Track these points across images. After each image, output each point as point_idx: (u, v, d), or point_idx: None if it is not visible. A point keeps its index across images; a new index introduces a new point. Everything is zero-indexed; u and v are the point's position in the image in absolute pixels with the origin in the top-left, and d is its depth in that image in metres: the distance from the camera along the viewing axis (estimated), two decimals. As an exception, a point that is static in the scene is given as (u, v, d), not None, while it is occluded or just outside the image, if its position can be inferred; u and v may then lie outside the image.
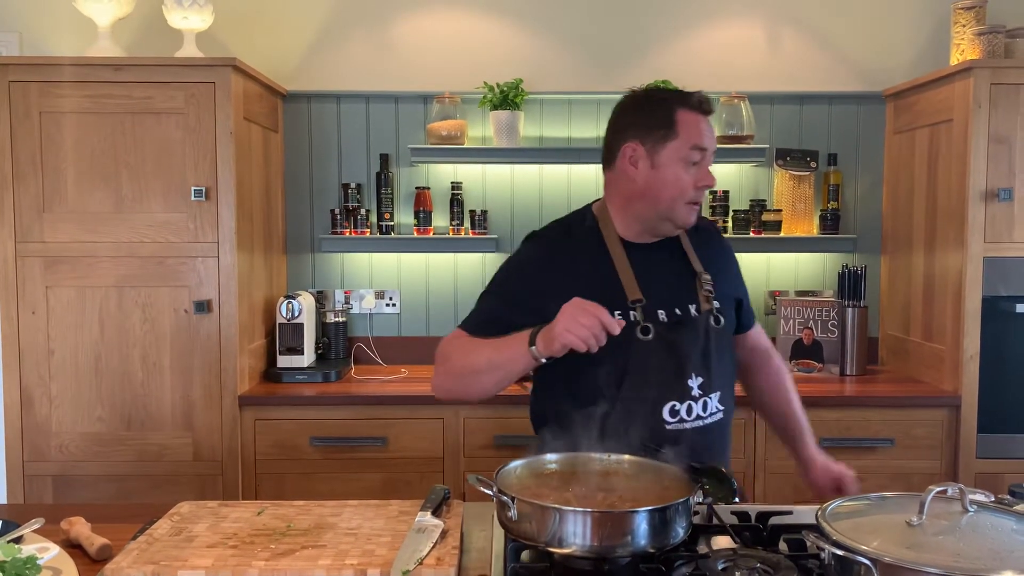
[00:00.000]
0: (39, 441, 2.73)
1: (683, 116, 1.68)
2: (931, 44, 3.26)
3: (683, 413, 1.67)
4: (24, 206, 2.69)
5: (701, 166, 1.70)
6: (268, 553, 1.31)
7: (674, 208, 1.70)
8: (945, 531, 1.16)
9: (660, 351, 1.66)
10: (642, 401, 1.65)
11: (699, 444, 1.64)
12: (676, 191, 1.69)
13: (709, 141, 1.70)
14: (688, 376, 1.67)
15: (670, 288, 1.73)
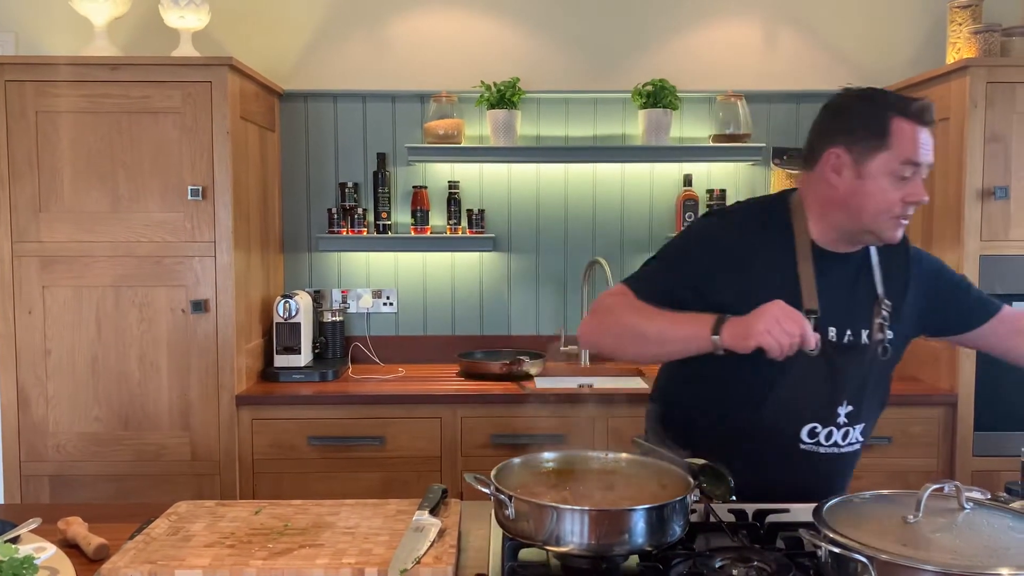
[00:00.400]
0: (36, 441, 2.72)
1: (898, 125, 1.54)
2: (927, 43, 3.26)
3: (821, 437, 1.60)
4: (20, 206, 2.68)
5: (912, 181, 1.55)
6: (265, 552, 1.31)
7: (877, 222, 1.57)
8: (941, 528, 1.16)
9: (819, 370, 1.57)
10: (784, 416, 1.59)
11: (825, 470, 1.62)
12: (881, 205, 1.55)
13: (925, 155, 1.54)
14: (840, 403, 1.60)
15: (847, 307, 1.62)
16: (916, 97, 1.58)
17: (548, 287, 3.35)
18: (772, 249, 1.62)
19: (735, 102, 3.17)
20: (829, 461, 1.62)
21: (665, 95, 3.11)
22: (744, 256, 1.62)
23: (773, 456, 1.60)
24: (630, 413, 2.64)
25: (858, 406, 1.61)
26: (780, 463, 1.60)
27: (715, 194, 3.21)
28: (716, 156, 3.20)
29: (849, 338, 1.61)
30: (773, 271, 1.60)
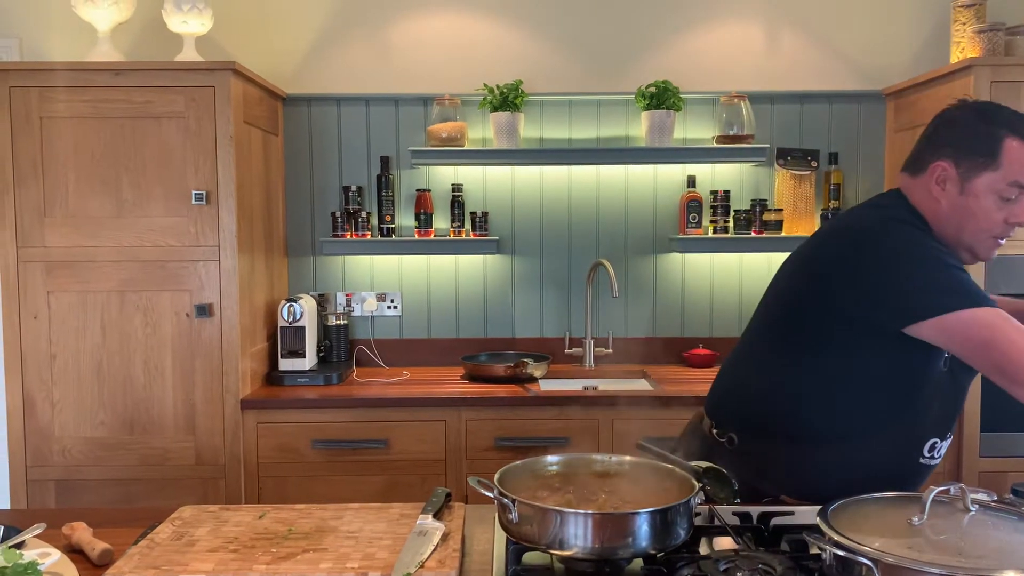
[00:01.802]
0: (42, 446, 2.73)
1: (1011, 145, 1.52)
2: (931, 42, 3.25)
3: (936, 451, 1.59)
4: (25, 211, 2.69)
5: (1018, 202, 1.54)
6: (269, 557, 1.31)
7: (975, 240, 1.56)
8: (947, 531, 1.15)
9: (947, 386, 1.56)
10: (911, 432, 1.57)
11: (923, 482, 1.61)
12: (983, 224, 1.54)
13: None
14: (954, 419, 1.61)
15: None
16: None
17: (552, 289, 3.35)
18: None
19: (738, 103, 3.16)
20: (928, 473, 1.62)
21: (668, 96, 3.11)
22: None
23: (890, 473, 1.53)
24: (635, 415, 2.64)
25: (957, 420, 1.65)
26: (894, 479, 1.49)
27: (719, 195, 3.21)
28: (720, 157, 3.20)
29: None
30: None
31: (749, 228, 3.20)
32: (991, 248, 1.57)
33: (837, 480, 1.43)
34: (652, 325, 3.36)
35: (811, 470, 1.58)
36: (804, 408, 1.61)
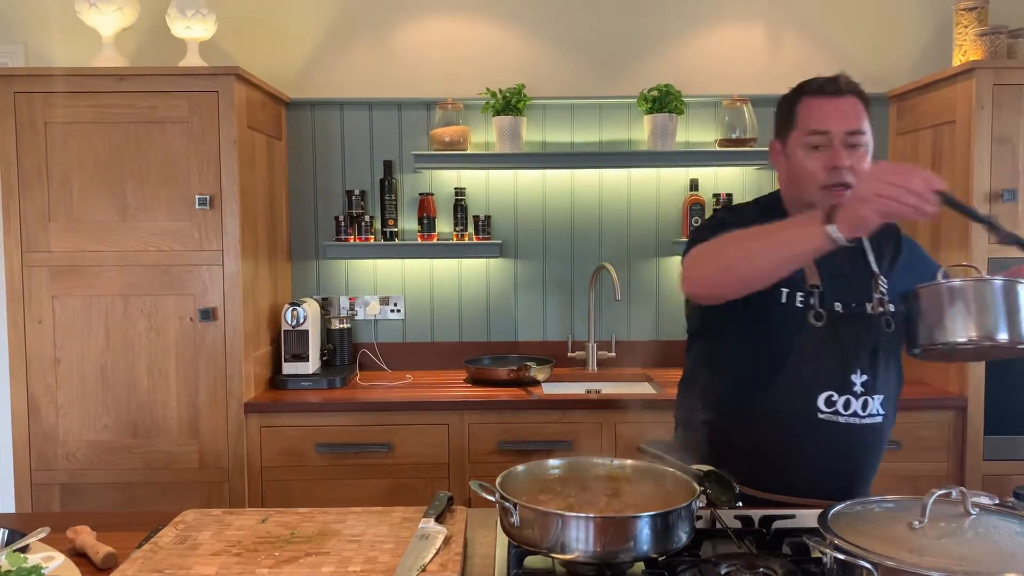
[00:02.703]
0: (46, 449, 2.74)
1: (803, 103, 1.71)
2: (933, 45, 3.25)
3: (839, 406, 1.64)
4: (30, 216, 2.70)
5: (828, 148, 1.64)
6: (272, 561, 1.32)
7: (812, 195, 1.66)
8: (948, 534, 1.15)
9: (829, 339, 1.63)
10: (799, 385, 1.64)
11: (851, 442, 1.63)
12: (808, 178, 1.66)
13: (831, 122, 1.65)
14: (853, 371, 1.64)
15: (848, 282, 1.68)
16: (822, 77, 1.73)
17: (555, 293, 3.35)
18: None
19: (740, 106, 3.17)
20: (853, 433, 1.64)
21: (670, 100, 3.11)
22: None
23: (796, 432, 1.61)
24: (637, 419, 2.64)
25: (873, 376, 1.65)
26: (804, 439, 1.62)
27: (721, 198, 3.21)
28: (722, 160, 3.20)
29: (854, 308, 1.66)
30: None
31: (752, 231, 3.20)
32: (828, 198, 1.62)
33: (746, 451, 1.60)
34: (655, 328, 3.36)
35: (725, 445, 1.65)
36: (699, 387, 1.77)
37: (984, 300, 1.46)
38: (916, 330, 1.51)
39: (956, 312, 1.46)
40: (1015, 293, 1.45)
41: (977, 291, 1.47)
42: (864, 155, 1.66)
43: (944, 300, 1.47)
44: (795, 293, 1.66)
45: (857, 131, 1.65)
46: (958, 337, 1.47)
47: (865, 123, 1.68)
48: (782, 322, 1.65)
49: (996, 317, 1.44)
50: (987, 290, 1.46)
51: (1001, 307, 1.45)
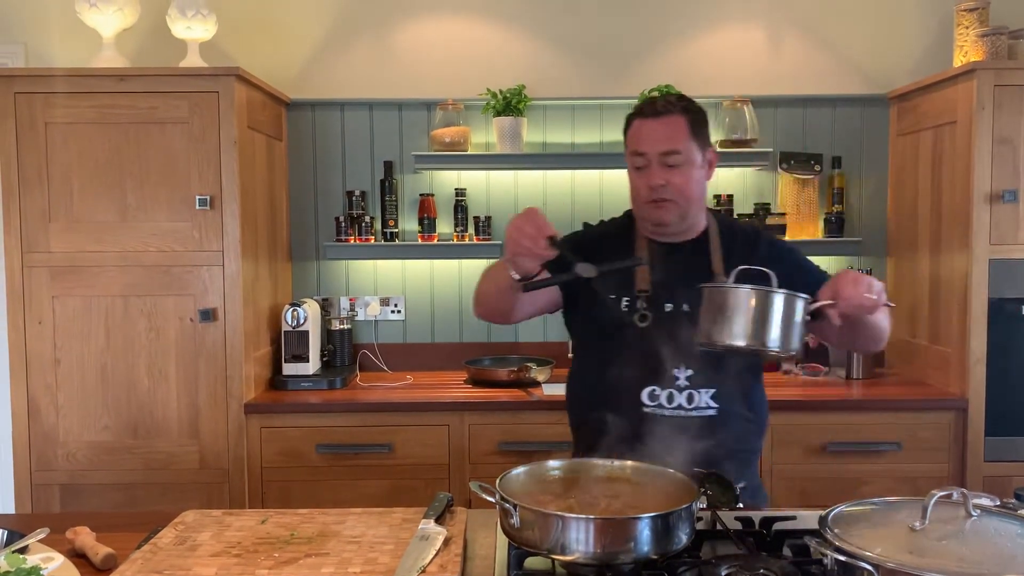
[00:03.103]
0: (46, 450, 2.74)
1: (633, 125, 1.82)
2: (934, 46, 3.25)
3: (663, 399, 1.76)
4: (30, 216, 2.70)
5: (648, 170, 1.78)
6: (272, 562, 1.32)
7: (639, 209, 1.85)
8: (948, 536, 1.15)
9: (653, 338, 1.74)
10: (625, 381, 1.77)
11: (676, 434, 1.66)
12: (634, 194, 1.83)
13: (646, 145, 1.77)
14: (676, 366, 1.76)
15: (681, 284, 1.76)
16: (653, 97, 1.87)
17: (555, 293, 3.35)
18: (616, 246, 1.87)
19: (741, 107, 3.17)
20: (679, 425, 1.73)
21: (671, 101, 3.10)
22: (591, 254, 1.77)
23: (625, 422, 1.70)
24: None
25: (700, 371, 1.76)
26: (633, 428, 1.70)
27: (722, 199, 3.21)
28: (723, 161, 3.18)
29: (684, 310, 1.77)
30: (618, 258, 1.80)
31: (752, 232, 3.20)
32: (651, 212, 1.80)
33: (592, 444, 1.70)
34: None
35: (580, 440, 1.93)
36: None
37: (727, 306, 1.50)
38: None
39: (709, 314, 1.52)
40: (765, 302, 1.48)
41: (723, 297, 1.51)
42: (682, 171, 1.77)
43: (705, 302, 1.54)
44: (622, 298, 1.82)
45: (671, 151, 1.76)
46: (700, 339, 1.54)
47: (683, 142, 1.77)
48: (610, 324, 1.81)
49: (733, 323, 1.49)
50: (731, 297, 1.50)
51: (743, 314, 1.48)
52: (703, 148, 1.82)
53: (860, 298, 1.53)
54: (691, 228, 1.87)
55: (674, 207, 1.79)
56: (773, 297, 1.49)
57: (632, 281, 1.82)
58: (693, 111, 1.82)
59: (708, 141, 1.86)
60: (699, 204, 1.85)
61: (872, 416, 2.75)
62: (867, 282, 1.54)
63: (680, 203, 1.79)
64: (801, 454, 2.73)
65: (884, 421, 2.74)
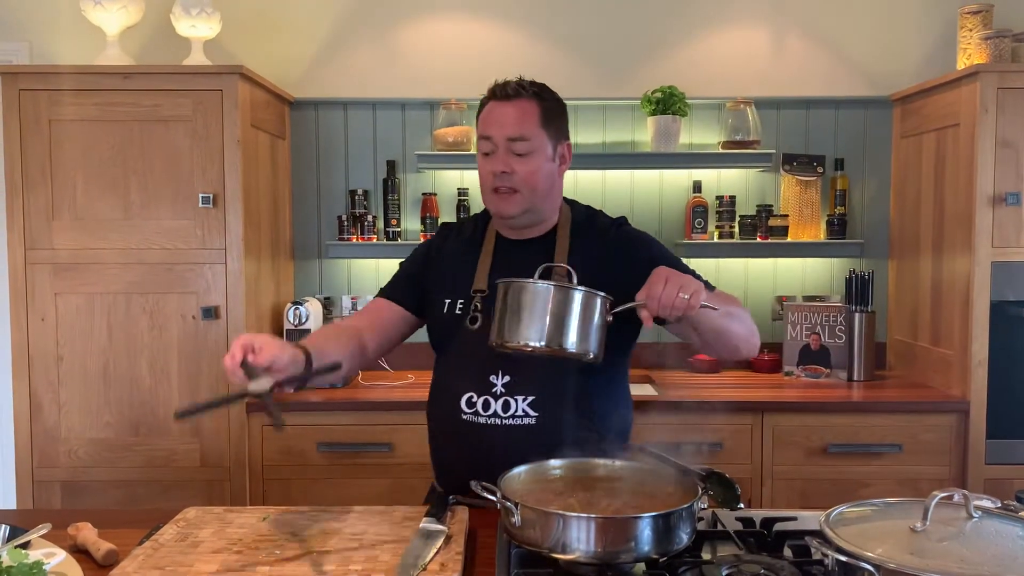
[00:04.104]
0: (48, 447, 2.74)
1: (485, 109, 1.73)
2: (938, 48, 3.25)
3: (479, 407, 1.68)
4: (33, 213, 2.71)
5: (494, 155, 1.68)
6: (273, 559, 1.32)
7: (485, 200, 1.75)
8: (950, 537, 1.15)
9: (477, 342, 1.63)
10: (448, 388, 1.73)
11: (493, 443, 1.64)
12: (480, 181, 1.73)
13: (494, 128, 1.68)
14: (493, 372, 1.67)
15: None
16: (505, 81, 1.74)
17: (557, 294, 3.34)
18: (467, 245, 1.81)
19: (744, 108, 3.17)
20: (495, 433, 1.65)
21: (674, 102, 3.11)
22: (437, 256, 1.83)
23: (448, 433, 1.72)
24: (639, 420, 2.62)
25: (518, 377, 1.66)
26: (454, 439, 1.72)
27: (724, 200, 3.21)
28: (725, 162, 3.20)
29: None
30: (461, 263, 1.78)
31: (755, 234, 3.20)
32: (494, 202, 1.72)
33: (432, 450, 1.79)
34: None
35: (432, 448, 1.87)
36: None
37: (519, 304, 1.42)
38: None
39: (500, 313, 1.44)
40: (560, 300, 1.39)
41: (514, 294, 1.42)
42: (529, 160, 1.68)
43: (497, 300, 1.46)
44: (456, 302, 1.74)
45: (519, 137, 1.67)
46: (492, 339, 1.46)
47: (533, 128, 1.68)
48: (444, 329, 1.75)
49: (524, 323, 1.41)
50: (523, 294, 1.41)
51: (536, 313, 1.40)
52: (556, 140, 1.72)
53: (670, 298, 1.42)
54: (542, 223, 1.76)
55: (519, 198, 1.68)
56: (569, 294, 1.39)
57: (470, 281, 1.74)
58: (547, 99, 1.73)
59: (564, 134, 1.76)
60: (549, 198, 1.74)
61: (873, 418, 2.75)
62: (679, 282, 1.43)
63: (525, 194, 1.68)
64: (802, 455, 2.73)
65: (885, 423, 2.74)
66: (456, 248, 1.83)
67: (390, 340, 1.83)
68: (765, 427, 2.73)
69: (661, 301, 1.42)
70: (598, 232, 1.78)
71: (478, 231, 1.83)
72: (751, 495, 2.74)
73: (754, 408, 2.75)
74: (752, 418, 2.73)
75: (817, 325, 3.10)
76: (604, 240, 1.76)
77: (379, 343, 1.80)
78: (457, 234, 1.86)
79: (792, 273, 3.33)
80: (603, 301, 1.43)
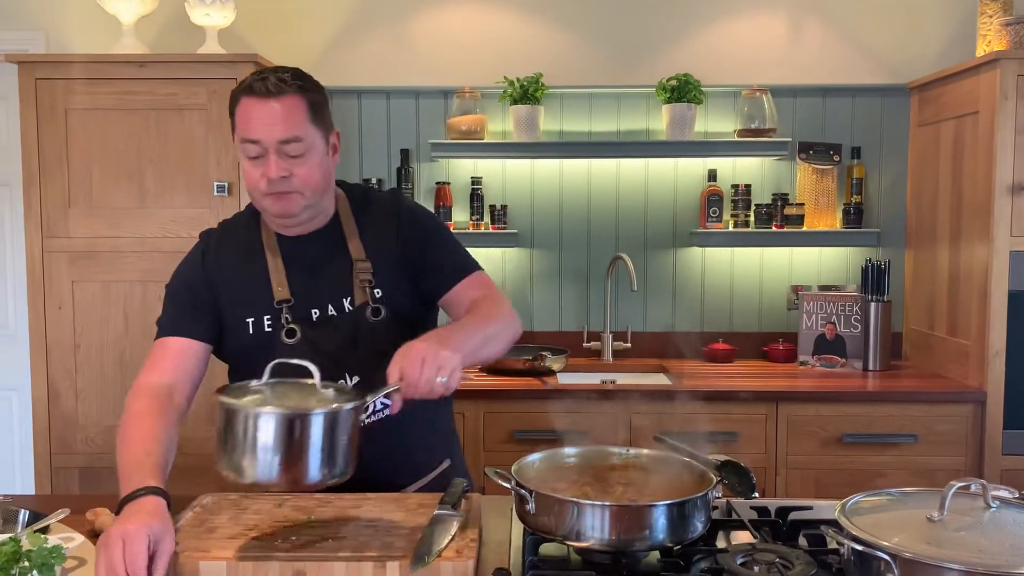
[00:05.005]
0: (66, 434, 2.77)
1: (242, 104, 1.53)
2: (957, 35, 3.21)
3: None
4: (50, 202, 2.72)
5: (264, 159, 1.51)
6: (289, 545, 1.33)
7: (259, 205, 1.59)
8: (967, 527, 1.14)
9: (306, 353, 1.47)
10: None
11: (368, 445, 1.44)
12: (249, 185, 1.56)
13: (261, 131, 1.50)
14: (340, 377, 1.57)
15: (324, 282, 1.61)
16: (263, 71, 1.55)
17: (571, 283, 3.35)
18: (239, 253, 1.65)
19: (760, 96, 3.14)
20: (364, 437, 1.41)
21: (689, 90, 3.09)
22: (216, 272, 1.64)
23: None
24: (653, 409, 2.63)
25: (368, 373, 1.56)
26: None
27: (740, 189, 3.19)
28: (741, 151, 3.18)
29: (329, 313, 1.60)
30: (245, 272, 1.62)
31: (770, 222, 3.18)
32: (271, 205, 1.56)
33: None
34: (671, 320, 3.35)
35: None
36: None
37: (247, 433, 1.18)
38: None
39: (228, 438, 1.20)
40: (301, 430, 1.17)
41: (241, 422, 1.18)
42: (305, 160, 1.54)
43: (220, 421, 1.21)
44: (262, 318, 1.59)
45: (291, 139, 1.51)
46: (221, 467, 1.22)
47: (301, 128, 1.53)
48: (257, 350, 1.55)
49: (258, 457, 1.18)
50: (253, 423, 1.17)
51: (271, 445, 1.17)
52: (326, 132, 1.61)
53: (429, 383, 1.30)
54: (321, 214, 1.64)
55: (300, 198, 1.55)
56: (310, 421, 1.17)
57: (268, 292, 1.59)
58: (311, 90, 1.58)
59: (331, 123, 1.64)
60: (328, 191, 1.63)
61: (888, 408, 2.73)
62: (437, 362, 1.30)
63: (306, 194, 1.56)
64: (816, 445, 2.72)
65: (901, 413, 2.72)
66: (233, 259, 1.65)
67: (195, 384, 1.65)
68: (780, 417, 2.72)
69: (419, 388, 1.31)
70: (380, 209, 1.69)
71: (252, 234, 1.66)
72: (765, 485, 2.73)
73: (769, 398, 2.74)
74: (767, 408, 2.72)
75: (832, 315, 3.08)
76: (392, 220, 1.67)
77: (189, 394, 1.63)
78: (228, 241, 1.68)
79: (808, 262, 3.31)
80: (354, 412, 1.23)
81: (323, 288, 1.61)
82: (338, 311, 1.61)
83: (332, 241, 1.64)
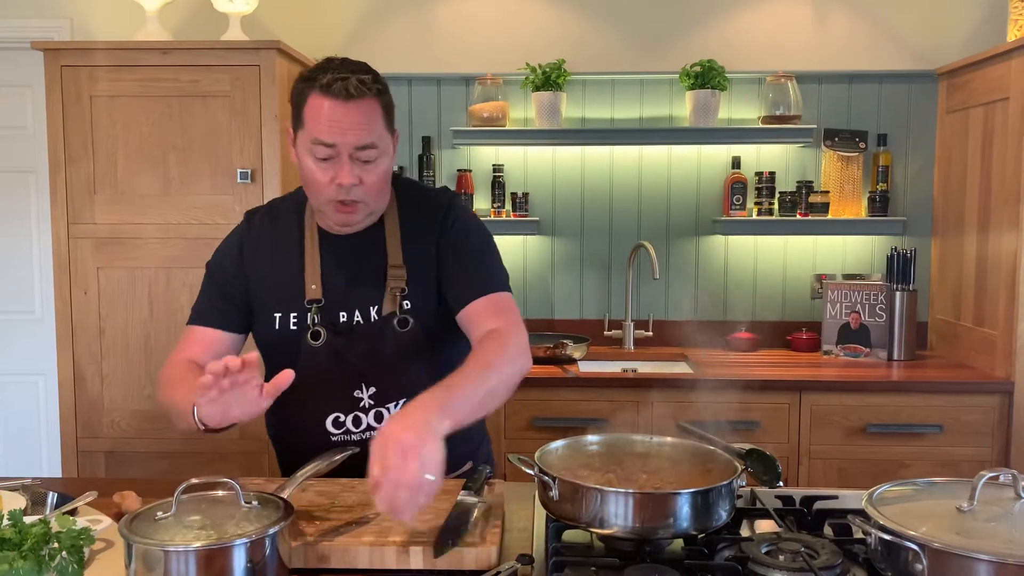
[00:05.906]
0: (91, 418, 2.80)
1: (312, 101, 1.46)
2: (987, 20, 3.16)
3: (349, 424, 1.58)
4: (76, 188, 2.74)
5: (336, 163, 1.46)
6: (313, 529, 1.33)
7: (320, 205, 1.53)
8: (997, 518, 1.13)
9: (328, 358, 1.52)
10: (309, 412, 1.59)
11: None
12: (314, 188, 1.50)
13: (337, 135, 1.44)
14: (356, 387, 1.57)
15: (357, 286, 1.58)
16: (339, 70, 1.47)
17: (592, 271, 3.34)
18: (278, 242, 1.62)
19: (785, 83, 3.11)
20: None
21: (713, 76, 3.06)
22: (252, 258, 1.63)
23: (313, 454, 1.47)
24: (674, 398, 2.62)
25: (384, 384, 1.56)
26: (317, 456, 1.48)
27: (764, 176, 3.16)
28: (765, 138, 3.15)
29: (357, 319, 1.57)
30: (283, 264, 1.60)
31: (794, 210, 3.15)
32: (335, 212, 1.51)
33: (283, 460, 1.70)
34: (694, 308, 3.33)
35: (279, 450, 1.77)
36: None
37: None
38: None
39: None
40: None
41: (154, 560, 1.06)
42: (376, 166, 1.49)
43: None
44: (289, 315, 1.57)
45: (368, 145, 1.46)
46: None
47: (378, 133, 1.48)
48: (281, 346, 1.56)
49: None
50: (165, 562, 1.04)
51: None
52: (392, 133, 1.55)
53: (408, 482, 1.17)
54: (372, 215, 1.60)
55: (364, 208, 1.52)
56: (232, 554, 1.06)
57: (301, 290, 1.57)
58: (386, 92, 1.53)
59: (394, 122, 1.56)
60: (385, 193, 1.58)
61: (913, 398, 2.70)
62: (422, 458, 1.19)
63: (370, 203, 1.53)
64: (840, 435, 2.70)
65: (926, 403, 2.70)
66: (271, 247, 1.63)
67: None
68: (803, 406, 2.70)
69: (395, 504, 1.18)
70: (428, 211, 1.62)
71: (295, 223, 1.63)
72: (788, 475, 2.72)
73: (792, 387, 2.72)
74: (790, 397, 2.70)
75: (857, 304, 3.05)
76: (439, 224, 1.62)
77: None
78: (270, 227, 1.65)
79: (832, 251, 3.28)
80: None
81: (354, 292, 1.58)
82: (364, 319, 1.58)
83: (372, 241, 1.60)
